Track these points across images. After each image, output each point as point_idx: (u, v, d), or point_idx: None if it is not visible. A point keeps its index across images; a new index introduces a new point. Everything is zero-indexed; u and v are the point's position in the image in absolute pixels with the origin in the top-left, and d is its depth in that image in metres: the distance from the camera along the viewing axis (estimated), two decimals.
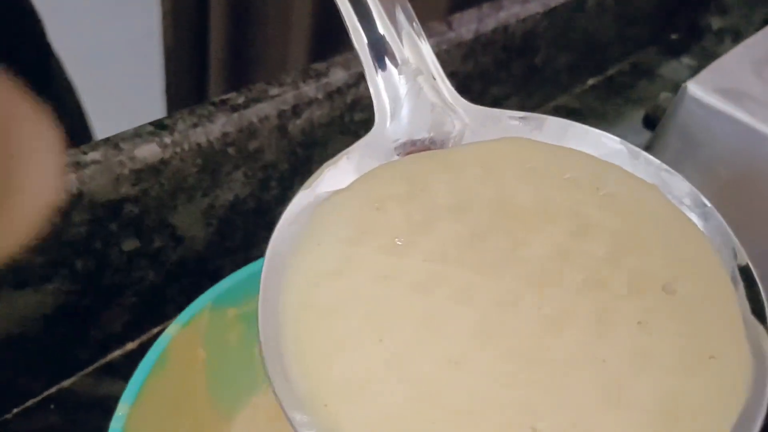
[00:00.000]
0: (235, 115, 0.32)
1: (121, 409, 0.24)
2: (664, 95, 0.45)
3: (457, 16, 0.41)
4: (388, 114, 0.23)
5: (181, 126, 0.31)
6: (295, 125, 0.35)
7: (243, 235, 0.36)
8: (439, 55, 0.29)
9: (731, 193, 0.34)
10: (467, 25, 0.41)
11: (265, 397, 0.30)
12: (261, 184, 0.35)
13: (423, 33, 0.24)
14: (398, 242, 0.19)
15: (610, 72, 0.60)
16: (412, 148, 0.23)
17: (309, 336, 0.18)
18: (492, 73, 0.45)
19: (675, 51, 0.65)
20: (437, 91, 0.23)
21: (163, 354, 0.26)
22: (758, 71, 0.38)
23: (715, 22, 0.66)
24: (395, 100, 0.23)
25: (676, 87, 0.35)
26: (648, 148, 0.36)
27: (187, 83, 0.99)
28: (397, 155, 0.23)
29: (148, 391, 0.25)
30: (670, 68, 0.63)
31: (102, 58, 1.27)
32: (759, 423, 0.17)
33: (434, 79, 0.23)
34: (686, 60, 0.64)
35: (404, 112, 0.23)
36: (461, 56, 0.41)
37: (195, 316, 0.27)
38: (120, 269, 0.32)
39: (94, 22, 1.40)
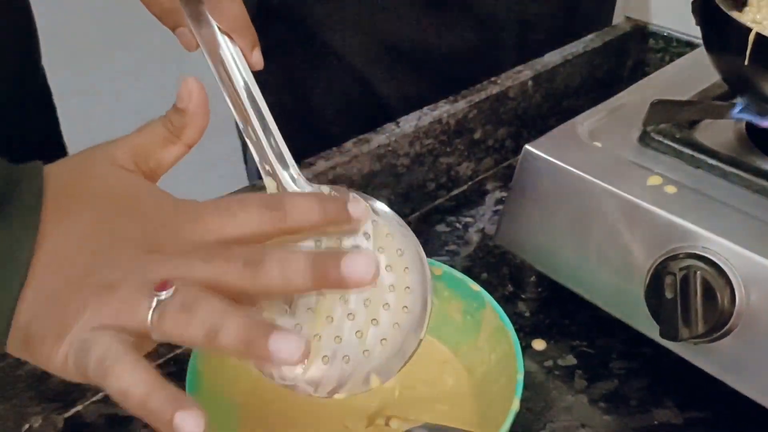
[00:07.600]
0: None
1: None
2: None
3: (402, 117, 0.65)
4: None
5: None
6: None
7: None
8: (390, 144, 0.53)
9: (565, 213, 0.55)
10: (409, 123, 0.64)
11: None
12: None
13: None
14: None
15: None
16: None
17: None
18: (437, 149, 0.68)
19: None
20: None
21: None
22: (588, 137, 0.58)
23: None
24: None
25: None
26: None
27: None
28: None
29: None
30: None
31: None
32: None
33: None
34: None
35: None
36: (408, 143, 0.64)
37: None
38: None
39: None
